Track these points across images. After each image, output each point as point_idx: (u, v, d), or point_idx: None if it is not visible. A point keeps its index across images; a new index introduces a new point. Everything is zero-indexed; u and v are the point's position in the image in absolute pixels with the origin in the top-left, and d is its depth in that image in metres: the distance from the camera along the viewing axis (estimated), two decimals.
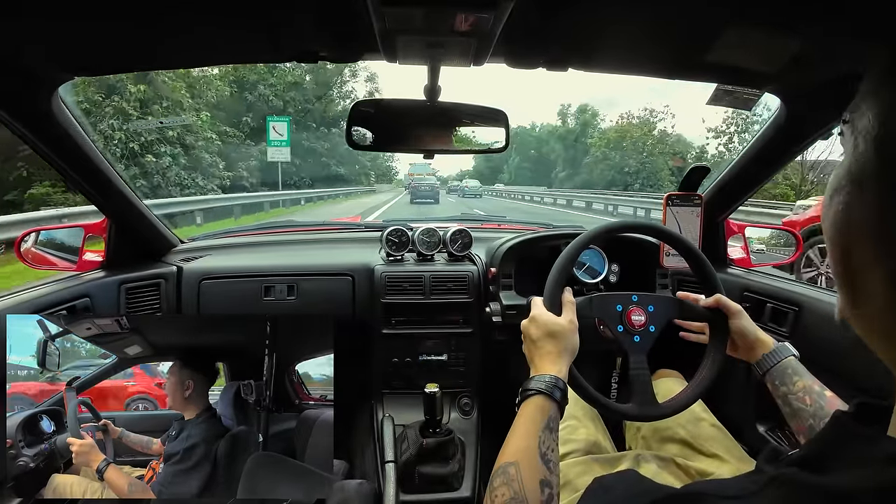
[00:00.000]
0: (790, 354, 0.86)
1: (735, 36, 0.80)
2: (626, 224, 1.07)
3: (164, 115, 13.99)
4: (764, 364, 0.87)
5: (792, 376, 0.83)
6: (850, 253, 0.38)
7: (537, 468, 0.67)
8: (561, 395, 0.76)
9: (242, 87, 22.49)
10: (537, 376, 0.78)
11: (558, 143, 46.34)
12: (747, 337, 0.90)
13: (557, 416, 0.75)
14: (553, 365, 0.80)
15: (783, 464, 0.38)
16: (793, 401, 0.82)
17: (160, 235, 1.59)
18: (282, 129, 17.33)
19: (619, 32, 0.86)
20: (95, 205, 1.34)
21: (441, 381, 1.28)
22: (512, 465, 0.66)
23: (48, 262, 1.39)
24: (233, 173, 17.61)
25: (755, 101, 1.10)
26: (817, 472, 0.35)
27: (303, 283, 1.55)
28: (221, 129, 18.04)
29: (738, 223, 1.54)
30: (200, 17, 0.80)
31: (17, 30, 0.78)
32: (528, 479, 0.65)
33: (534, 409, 0.74)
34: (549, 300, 0.88)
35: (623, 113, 44.95)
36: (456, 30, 0.73)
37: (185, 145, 14.98)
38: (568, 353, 0.82)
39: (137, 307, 1.42)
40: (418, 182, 23.54)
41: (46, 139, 1.08)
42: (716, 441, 1.06)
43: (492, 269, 1.50)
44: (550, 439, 0.71)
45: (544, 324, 0.85)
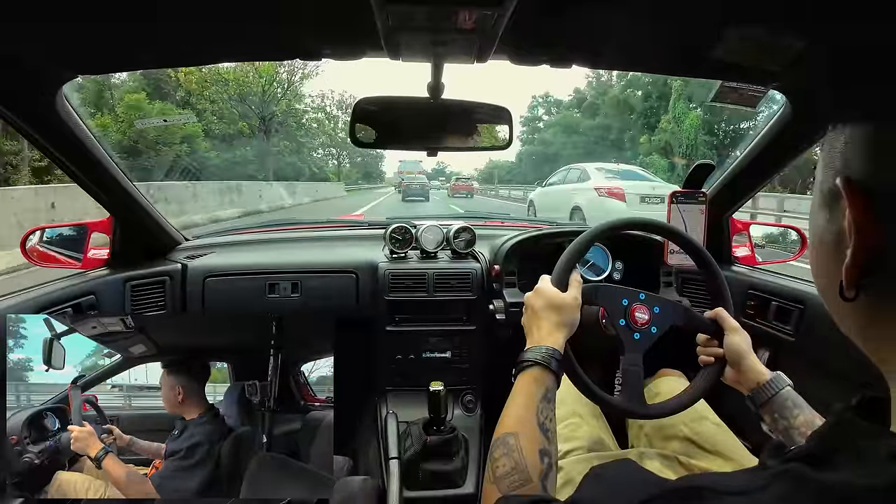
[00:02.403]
0: (786, 385, 0.83)
1: (739, 33, 0.80)
2: (633, 222, 1.07)
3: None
4: (759, 396, 0.84)
5: (792, 409, 0.80)
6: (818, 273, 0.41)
7: (536, 438, 0.67)
8: (557, 366, 0.76)
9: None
10: (534, 347, 0.78)
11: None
12: (739, 358, 0.88)
13: (554, 386, 0.75)
14: (550, 336, 0.80)
15: (787, 459, 0.38)
16: (794, 435, 0.79)
17: (165, 233, 1.60)
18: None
19: (623, 29, 0.86)
20: (100, 203, 1.35)
21: (444, 379, 1.28)
22: (511, 436, 0.67)
23: (53, 259, 1.40)
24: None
25: (760, 99, 1.10)
26: (823, 467, 0.34)
27: (307, 280, 1.55)
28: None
29: (742, 221, 1.53)
30: (203, 16, 0.80)
31: (19, 30, 0.78)
32: (528, 449, 0.65)
33: (531, 380, 0.74)
34: (557, 278, 0.88)
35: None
36: (459, 27, 0.73)
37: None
38: (566, 327, 0.82)
39: (143, 305, 1.43)
40: (409, 181, 24.01)
41: (51, 138, 1.09)
42: (719, 439, 1.05)
43: (495, 266, 1.50)
44: (548, 409, 0.71)
45: (547, 296, 0.85)
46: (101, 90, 18.29)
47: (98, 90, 18.17)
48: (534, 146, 45.42)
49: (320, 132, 35.74)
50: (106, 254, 1.46)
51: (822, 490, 0.33)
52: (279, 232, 2.07)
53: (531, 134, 47.84)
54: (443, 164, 48.13)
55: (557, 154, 35.95)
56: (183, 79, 21.58)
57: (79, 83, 1.15)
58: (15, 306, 1.11)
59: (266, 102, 26.05)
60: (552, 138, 40.84)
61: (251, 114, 25.58)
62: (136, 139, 16.80)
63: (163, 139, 17.91)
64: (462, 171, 41.19)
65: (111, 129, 15.88)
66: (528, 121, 48.48)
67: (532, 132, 47.86)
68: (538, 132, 46.75)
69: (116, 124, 16.92)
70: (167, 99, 21.54)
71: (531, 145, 46.35)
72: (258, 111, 25.88)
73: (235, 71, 23.94)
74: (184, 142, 18.91)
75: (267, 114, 26.12)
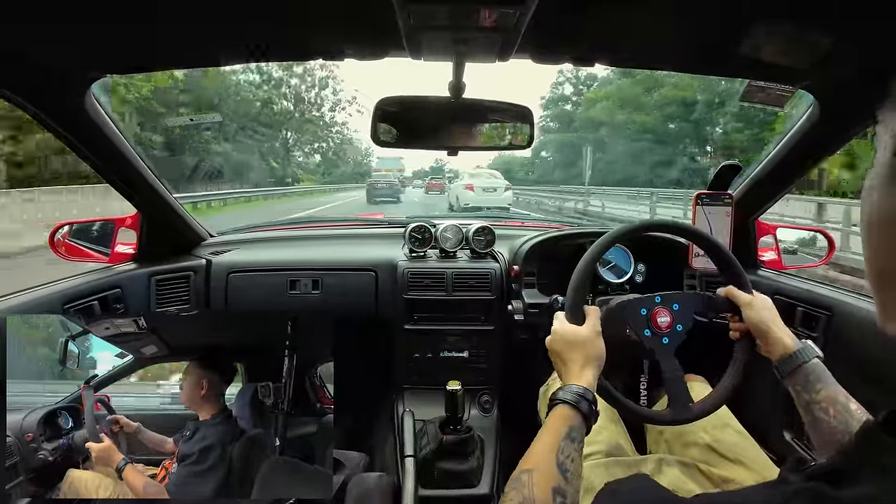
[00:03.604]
0: (814, 356, 0.80)
1: (766, 31, 0.78)
2: (653, 223, 1.05)
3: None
4: (784, 367, 0.82)
5: (815, 383, 0.78)
6: (888, 254, 0.37)
7: (552, 475, 0.65)
8: (588, 406, 0.74)
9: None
10: (565, 387, 0.77)
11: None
12: (764, 329, 0.86)
13: (582, 426, 0.73)
14: (578, 376, 0.78)
15: (808, 475, 0.37)
16: (815, 410, 0.77)
17: (190, 229, 1.63)
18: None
19: (645, 27, 0.85)
20: (128, 199, 1.38)
21: (462, 378, 1.28)
22: (526, 473, 0.66)
23: (82, 253, 1.43)
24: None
25: (788, 99, 1.07)
26: (844, 484, 0.33)
27: (327, 277, 1.57)
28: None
29: (770, 224, 1.49)
30: (229, 16, 0.81)
31: (50, 31, 0.80)
32: (540, 485, 0.64)
33: (556, 419, 0.73)
34: (570, 310, 0.86)
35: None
36: (481, 26, 0.73)
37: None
38: (593, 362, 0.80)
39: (168, 299, 1.46)
40: (376, 180, 22.24)
41: (80, 136, 1.12)
42: (740, 447, 1.03)
43: (514, 266, 1.50)
44: (570, 448, 0.69)
45: (564, 335, 0.83)
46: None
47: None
48: (561, 133, 35.50)
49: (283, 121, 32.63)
50: (133, 249, 1.49)
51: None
52: (301, 230, 2.10)
53: (554, 121, 38.17)
54: (441, 161, 45.45)
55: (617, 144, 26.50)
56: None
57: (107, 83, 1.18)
58: (43, 297, 1.15)
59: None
60: (604, 116, 30.39)
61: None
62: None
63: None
64: (461, 169, 38.26)
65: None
66: (549, 103, 39.19)
67: (557, 118, 38.12)
68: (569, 115, 36.66)
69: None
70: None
71: (556, 133, 36.68)
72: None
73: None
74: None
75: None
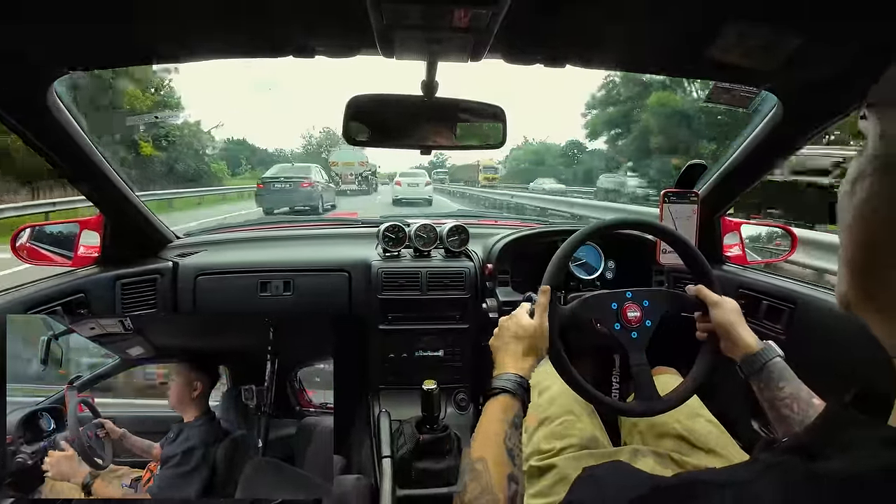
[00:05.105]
0: (775, 356, 0.84)
1: (733, 34, 0.80)
2: (623, 221, 1.07)
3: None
4: (747, 366, 0.86)
5: (777, 381, 0.82)
6: (874, 246, 0.38)
7: (504, 462, 0.69)
8: (524, 394, 0.79)
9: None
10: (503, 375, 0.81)
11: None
12: (728, 329, 0.89)
13: (521, 413, 0.77)
14: (516, 364, 0.83)
15: (779, 451, 0.38)
16: (780, 407, 0.80)
17: (156, 231, 1.59)
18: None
19: (617, 29, 0.86)
20: (90, 200, 1.33)
21: (437, 377, 1.28)
22: (480, 461, 0.68)
23: (43, 257, 1.38)
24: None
25: (752, 100, 1.11)
26: (816, 457, 0.34)
27: (299, 278, 1.55)
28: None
29: (734, 220, 1.54)
30: (197, 12, 0.79)
31: (9, 26, 0.77)
32: (496, 473, 0.67)
33: (499, 407, 0.76)
34: (549, 278, 0.92)
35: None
36: (454, 26, 0.73)
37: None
38: (536, 353, 0.85)
39: (133, 303, 1.41)
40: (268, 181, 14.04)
41: (41, 134, 1.08)
42: (712, 436, 1.06)
43: (488, 265, 1.50)
44: (515, 435, 0.73)
45: (519, 323, 0.88)
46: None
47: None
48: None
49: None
50: (96, 252, 1.44)
51: (816, 478, 0.33)
52: (271, 230, 2.06)
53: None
54: (441, 156, 44.47)
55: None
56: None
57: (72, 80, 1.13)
58: (3, 304, 1.10)
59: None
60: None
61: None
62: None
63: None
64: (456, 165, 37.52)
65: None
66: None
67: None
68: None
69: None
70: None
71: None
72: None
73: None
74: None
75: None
